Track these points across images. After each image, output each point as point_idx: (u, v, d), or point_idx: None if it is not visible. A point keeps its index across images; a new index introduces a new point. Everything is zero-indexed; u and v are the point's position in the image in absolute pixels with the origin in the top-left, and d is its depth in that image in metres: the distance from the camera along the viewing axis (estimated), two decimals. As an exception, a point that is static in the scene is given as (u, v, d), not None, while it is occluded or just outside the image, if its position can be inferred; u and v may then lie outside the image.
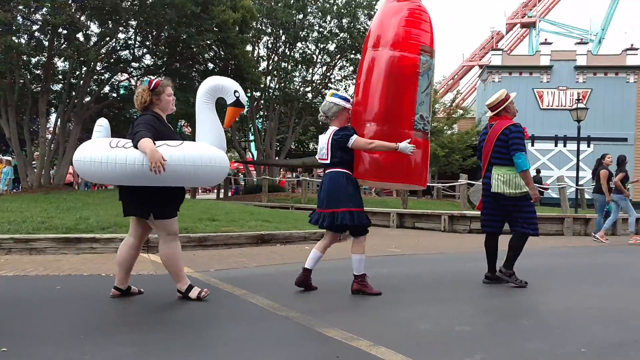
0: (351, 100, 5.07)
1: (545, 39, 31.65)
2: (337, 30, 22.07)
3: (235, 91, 4.62)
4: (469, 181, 13.01)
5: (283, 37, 22.33)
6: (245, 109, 5.45)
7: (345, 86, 24.25)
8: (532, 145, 27.96)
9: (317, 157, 4.98)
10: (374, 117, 5.13)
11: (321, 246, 4.94)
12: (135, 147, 3.91)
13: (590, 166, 27.31)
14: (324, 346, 3.27)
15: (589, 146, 27.77)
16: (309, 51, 23.38)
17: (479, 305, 4.57)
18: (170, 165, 3.88)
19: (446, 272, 6.25)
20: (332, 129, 4.85)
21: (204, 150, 4.18)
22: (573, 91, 28.14)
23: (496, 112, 5.46)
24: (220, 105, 4.55)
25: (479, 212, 5.69)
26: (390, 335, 3.53)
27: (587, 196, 17.35)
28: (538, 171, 22.07)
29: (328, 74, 24.21)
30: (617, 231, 11.91)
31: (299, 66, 23.70)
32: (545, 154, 28.38)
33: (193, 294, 4.27)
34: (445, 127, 23.73)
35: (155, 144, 3.90)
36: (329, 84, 24.63)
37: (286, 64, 23.27)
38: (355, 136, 4.75)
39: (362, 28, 21.63)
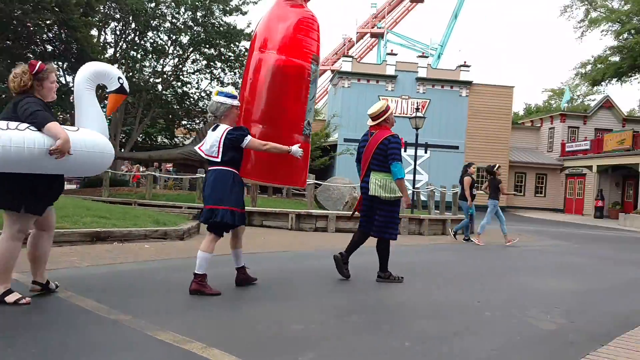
0: (238, 97, 5.02)
1: (392, 50, 33.66)
2: (191, 23, 21.45)
3: (119, 77, 4.55)
4: (316, 181, 13.35)
5: (133, 25, 21.18)
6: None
7: (198, 80, 23.67)
8: (377, 149, 29.49)
9: (203, 154, 4.89)
10: (266, 120, 5.24)
11: (233, 242, 5.00)
12: (39, 129, 3.68)
13: (427, 170, 29.76)
14: (153, 351, 3.09)
15: (426, 152, 29.98)
16: (160, 41, 22.44)
17: (317, 303, 4.66)
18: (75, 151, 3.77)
19: (290, 271, 6.31)
20: (224, 127, 4.79)
21: (97, 137, 4.10)
22: (414, 100, 30.22)
23: (377, 122, 5.76)
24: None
25: (326, 212, 5.83)
26: (225, 336, 3.45)
27: (422, 197, 18.67)
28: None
29: (180, 66, 23.44)
30: (446, 231, 12.96)
31: (150, 56, 22.65)
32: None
33: (10, 298, 3.80)
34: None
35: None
36: (181, 77, 23.88)
37: (135, 53, 22.11)
38: (249, 137, 4.78)
39: (216, 23, 21.26)
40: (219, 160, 4.75)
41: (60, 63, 18.12)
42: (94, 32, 19.87)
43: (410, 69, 31.10)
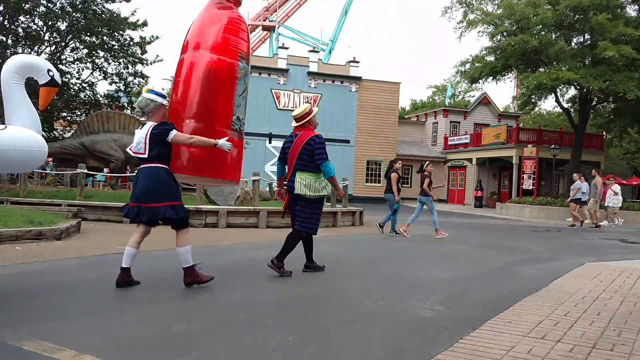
0: (167, 97, 5.14)
1: (283, 44, 33.72)
2: (69, 9, 20.09)
3: (49, 70, 4.49)
4: (207, 176, 13.07)
5: (1, 7, 19.46)
6: None
7: (79, 69, 22.26)
8: (270, 142, 29.51)
9: (132, 151, 4.98)
10: (194, 115, 5.35)
11: (134, 242, 4.94)
12: None
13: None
14: (17, 363, 2.85)
15: (318, 146, 30.39)
16: (35, 27, 20.81)
17: (204, 302, 4.55)
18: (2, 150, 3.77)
19: (170, 269, 6.10)
20: (150, 124, 4.89)
21: (25, 134, 4.08)
22: (306, 95, 30.52)
23: (301, 124, 5.99)
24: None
25: (217, 207, 5.81)
26: (100, 342, 3.27)
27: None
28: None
29: (58, 54, 21.90)
30: (337, 223, 13.23)
31: (22, 42, 20.93)
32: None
33: None
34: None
35: None
36: (60, 65, 22.33)
37: (5, 38, 20.34)
38: (174, 131, 4.87)
39: (98, 10, 20.09)
40: (146, 156, 4.84)
41: None
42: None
43: (302, 63, 31.37)
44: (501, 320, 4.21)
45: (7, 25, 20.02)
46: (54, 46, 21.71)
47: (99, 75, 21.01)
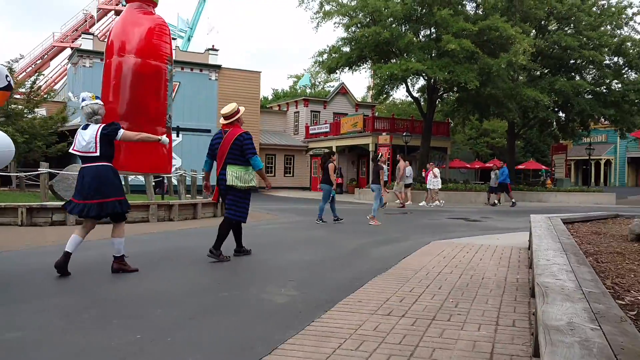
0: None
1: (137, 29, 32.09)
2: None
3: (7, 75, 4.90)
4: (52, 170, 12.07)
5: None
6: None
7: None
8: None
9: (79, 152, 5.29)
10: (133, 116, 6.23)
11: (83, 232, 5.35)
12: None
13: (180, 155, 29.26)
14: None
15: (178, 136, 29.47)
16: None
17: (42, 305, 4.18)
18: None
19: (11, 272, 5.56)
20: (96, 125, 5.30)
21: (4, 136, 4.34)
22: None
23: (230, 121, 6.49)
24: None
25: (63, 203, 6.02)
26: None
27: (173, 182, 18.29)
28: None
29: None
30: (198, 215, 12.93)
31: None
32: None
33: None
34: (26, 111, 21.44)
35: None
36: None
37: None
38: (122, 130, 5.28)
39: None
40: (97, 154, 5.22)
41: None
42: None
43: (158, 50, 30.13)
44: (352, 300, 4.36)
45: None
46: None
47: None
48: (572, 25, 27.92)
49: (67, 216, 10.53)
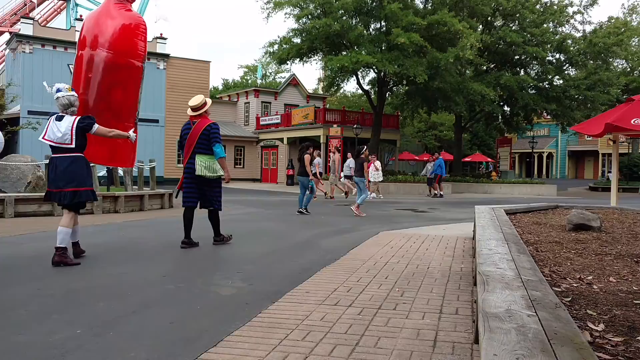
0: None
1: (81, 16, 31.07)
2: None
3: None
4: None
5: None
6: None
7: None
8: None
9: (52, 141, 5.42)
10: (108, 110, 6.25)
11: (69, 222, 5.50)
12: None
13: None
14: None
15: (124, 126, 28.76)
16: None
17: (-25, 301, 4.00)
18: None
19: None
20: (71, 117, 5.47)
21: None
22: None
23: (198, 113, 6.72)
24: None
25: (2, 195, 6.13)
26: None
27: (119, 173, 17.83)
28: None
29: None
30: (144, 207, 12.66)
31: None
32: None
33: None
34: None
35: None
36: None
37: None
38: (96, 125, 5.54)
39: None
40: (73, 146, 5.42)
41: None
42: None
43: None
44: (299, 292, 4.37)
45: None
46: None
47: None
48: (517, 22, 28.73)
49: (5, 208, 10.11)
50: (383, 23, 25.64)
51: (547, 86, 29.32)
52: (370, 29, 26.33)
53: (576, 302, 3.11)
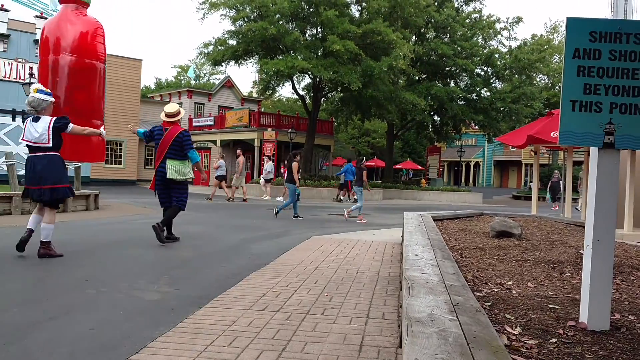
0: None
1: (2, 5, 29.46)
2: None
3: None
4: None
5: None
6: None
7: None
8: (-13, 118, 25.65)
9: (29, 141, 5.78)
10: (75, 110, 6.72)
11: (52, 219, 5.92)
12: None
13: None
14: None
15: (48, 123, 27.52)
16: None
17: None
18: None
19: None
20: (47, 117, 5.84)
21: None
22: (32, 65, 27.21)
23: (172, 120, 7.35)
24: None
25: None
26: None
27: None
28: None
29: None
30: (68, 208, 12.13)
31: None
32: (3, 127, 26.51)
33: None
34: None
35: None
36: None
37: None
38: (71, 124, 5.93)
39: None
40: (50, 145, 5.78)
41: None
42: None
43: (27, 29, 27.85)
44: (227, 297, 4.30)
45: None
46: None
47: None
48: (448, 34, 29.70)
49: None
50: (319, 29, 25.84)
51: (475, 98, 30.45)
52: (307, 35, 26.46)
53: (496, 306, 3.22)
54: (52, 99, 6.07)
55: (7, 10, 28.15)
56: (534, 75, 32.12)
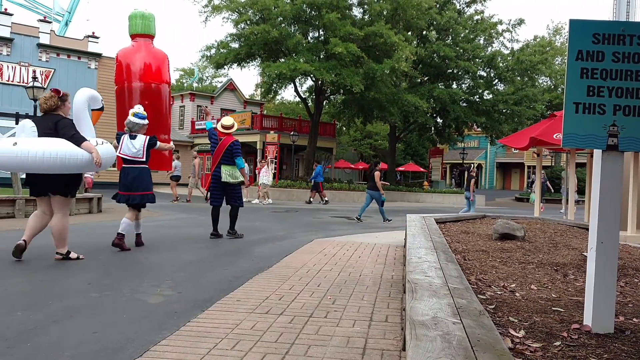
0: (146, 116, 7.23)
1: (6, 9, 29.57)
2: None
3: (102, 100, 6.70)
4: None
5: None
6: None
7: None
8: (-10, 121, 25.70)
9: (127, 155, 6.94)
10: (164, 131, 8.99)
11: (132, 216, 7.02)
12: (78, 145, 5.66)
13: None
14: None
15: (51, 127, 27.61)
16: None
17: None
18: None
19: None
20: (143, 136, 7.04)
21: (108, 147, 6.24)
22: (36, 69, 27.31)
23: (227, 132, 8.42)
24: None
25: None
26: None
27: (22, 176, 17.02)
28: None
29: None
30: (71, 211, 12.13)
31: None
32: (5, 131, 26.54)
33: (73, 255, 5.94)
34: None
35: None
36: None
37: None
38: (159, 142, 7.30)
39: None
40: (144, 159, 7.01)
41: None
42: None
43: (31, 33, 27.96)
44: (230, 300, 4.30)
45: None
46: None
47: None
48: (450, 36, 29.72)
49: None
50: (321, 32, 25.89)
51: (477, 100, 30.45)
52: (309, 38, 26.51)
53: (499, 309, 3.21)
54: (146, 122, 7.11)
55: (11, 14, 28.24)
56: (536, 77, 32.10)
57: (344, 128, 35.74)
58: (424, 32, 29.86)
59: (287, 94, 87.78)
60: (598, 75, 2.83)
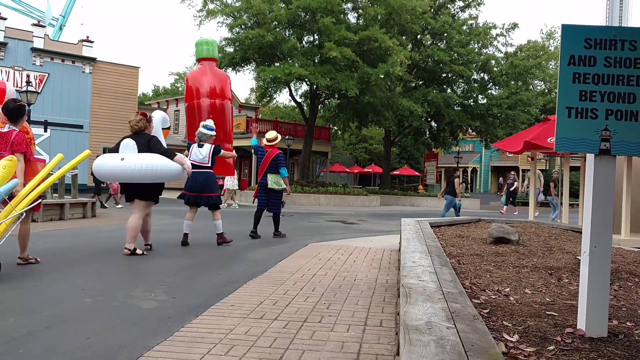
0: (215, 128, 8.31)
1: (0, 13, 29.50)
2: None
3: (169, 120, 8.16)
4: None
5: None
6: None
7: None
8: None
9: (196, 162, 7.92)
10: (229, 140, 11.00)
11: (191, 217, 8.20)
12: (171, 158, 6.71)
13: (48, 151, 27.26)
14: None
15: (45, 131, 27.49)
16: None
17: None
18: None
19: None
20: (209, 145, 8.08)
21: (185, 159, 7.10)
22: (30, 73, 27.23)
23: (271, 144, 9.43)
24: None
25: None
26: None
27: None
28: None
29: None
30: (65, 216, 12.10)
31: None
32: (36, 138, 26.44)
33: (139, 252, 6.69)
34: None
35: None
36: None
37: None
38: (222, 150, 8.36)
39: None
40: (209, 165, 8.02)
41: None
42: None
43: (25, 37, 27.88)
44: (224, 305, 4.29)
45: None
46: None
47: None
48: (444, 41, 29.83)
49: None
50: (316, 36, 25.92)
51: (472, 104, 30.55)
52: (304, 42, 26.55)
53: (494, 313, 3.22)
54: (213, 133, 8.13)
55: (4, 19, 28.17)
56: (530, 81, 32.25)
57: (339, 132, 35.79)
58: (419, 37, 29.95)
59: (283, 98, 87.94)
60: (590, 80, 2.85)
